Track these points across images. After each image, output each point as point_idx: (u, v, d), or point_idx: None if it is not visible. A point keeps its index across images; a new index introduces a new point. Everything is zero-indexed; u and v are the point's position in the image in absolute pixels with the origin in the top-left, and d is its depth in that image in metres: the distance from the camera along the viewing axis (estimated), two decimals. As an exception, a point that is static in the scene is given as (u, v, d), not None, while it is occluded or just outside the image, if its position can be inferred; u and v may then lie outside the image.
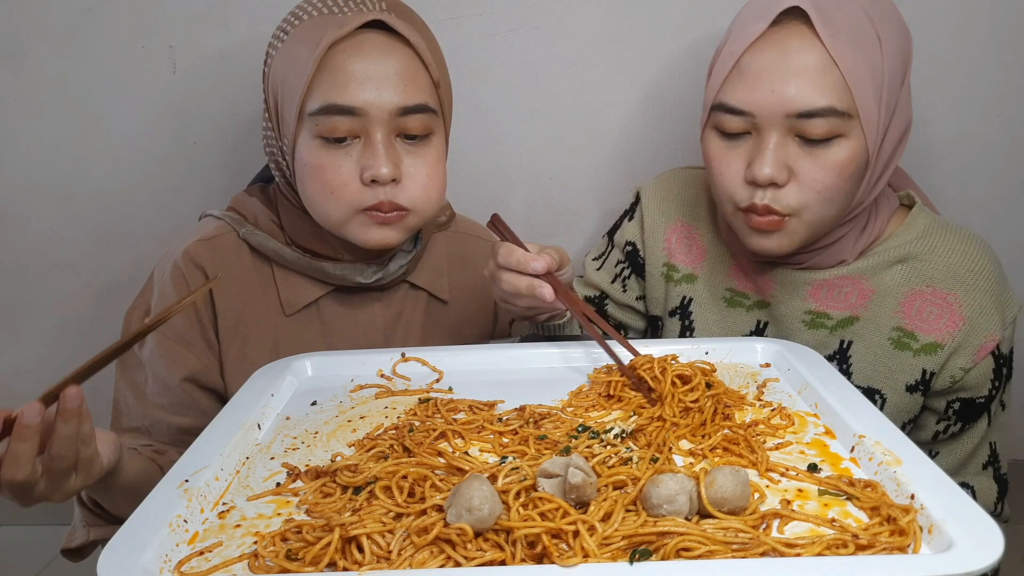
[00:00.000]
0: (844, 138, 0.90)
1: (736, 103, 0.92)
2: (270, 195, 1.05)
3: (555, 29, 1.34)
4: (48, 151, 1.41)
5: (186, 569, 0.58)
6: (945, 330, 0.97)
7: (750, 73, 0.91)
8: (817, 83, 0.88)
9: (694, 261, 1.11)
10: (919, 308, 0.98)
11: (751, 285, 1.07)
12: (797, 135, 0.91)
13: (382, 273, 1.02)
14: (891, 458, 0.66)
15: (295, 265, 1.00)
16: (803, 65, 0.88)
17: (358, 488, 0.65)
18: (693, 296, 1.11)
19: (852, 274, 1.00)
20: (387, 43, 0.92)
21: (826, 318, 1.02)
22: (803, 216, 0.93)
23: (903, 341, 0.98)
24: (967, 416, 1.00)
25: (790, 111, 0.89)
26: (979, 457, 1.02)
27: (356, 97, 0.90)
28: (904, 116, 0.97)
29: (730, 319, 1.08)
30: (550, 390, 0.86)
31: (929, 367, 0.98)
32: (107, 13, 1.34)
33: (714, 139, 0.96)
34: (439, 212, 1.11)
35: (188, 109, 1.38)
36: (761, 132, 0.92)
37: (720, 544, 0.56)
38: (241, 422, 0.77)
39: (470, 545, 0.57)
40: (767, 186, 0.92)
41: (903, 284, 0.99)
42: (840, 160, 0.90)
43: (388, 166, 0.91)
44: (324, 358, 0.94)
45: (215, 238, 1.00)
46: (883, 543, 0.57)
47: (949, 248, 0.99)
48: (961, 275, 0.97)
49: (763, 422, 0.77)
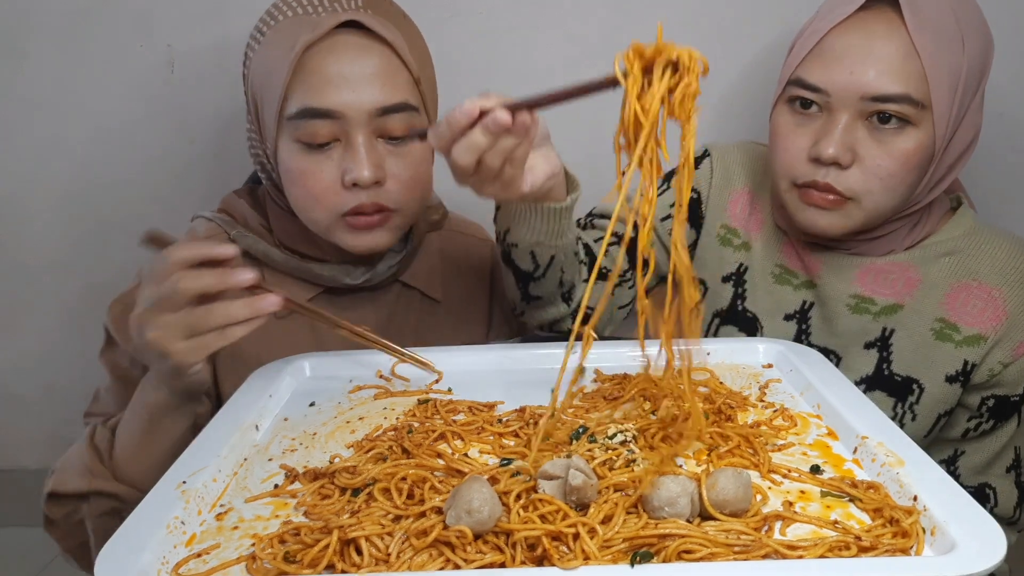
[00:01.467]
0: (914, 128, 0.91)
1: (813, 80, 0.93)
2: (259, 197, 1.05)
3: (555, 29, 1.34)
4: (47, 150, 1.41)
5: (184, 571, 0.57)
6: (988, 323, 0.97)
7: (832, 53, 0.93)
8: (897, 70, 0.90)
9: (752, 230, 1.10)
10: (963, 301, 0.99)
11: (800, 265, 1.07)
12: (867, 119, 0.92)
13: (371, 274, 1.01)
14: (894, 459, 0.66)
15: (284, 267, 1.00)
16: (885, 51, 0.90)
17: (357, 490, 0.65)
18: (749, 265, 1.10)
19: (900, 261, 1.01)
20: (363, 43, 0.90)
21: (871, 303, 1.01)
22: (863, 202, 0.94)
23: (945, 332, 0.99)
24: (999, 414, 1.00)
25: (865, 94, 0.90)
26: (1004, 459, 1.02)
27: (333, 100, 0.88)
28: (974, 123, 0.97)
29: (777, 295, 1.08)
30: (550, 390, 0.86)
31: (971, 358, 0.98)
32: (106, 13, 1.33)
33: (785, 113, 0.98)
34: (430, 211, 1.11)
35: (186, 108, 1.38)
36: (833, 112, 0.93)
37: (722, 546, 0.56)
38: (239, 423, 0.77)
39: (470, 547, 0.56)
40: (830, 165, 0.93)
41: (950, 276, 1.00)
42: (907, 149, 0.91)
43: (369, 169, 0.89)
44: (322, 359, 0.94)
45: (207, 239, 1.00)
46: (886, 545, 0.56)
47: (996, 246, 1.00)
48: (1007, 272, 0.98)
49: (765, 423, 0.77)
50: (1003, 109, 1.35)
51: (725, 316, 1.10)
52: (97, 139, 1.40)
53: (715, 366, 0.91)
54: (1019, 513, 1.03)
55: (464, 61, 1.30)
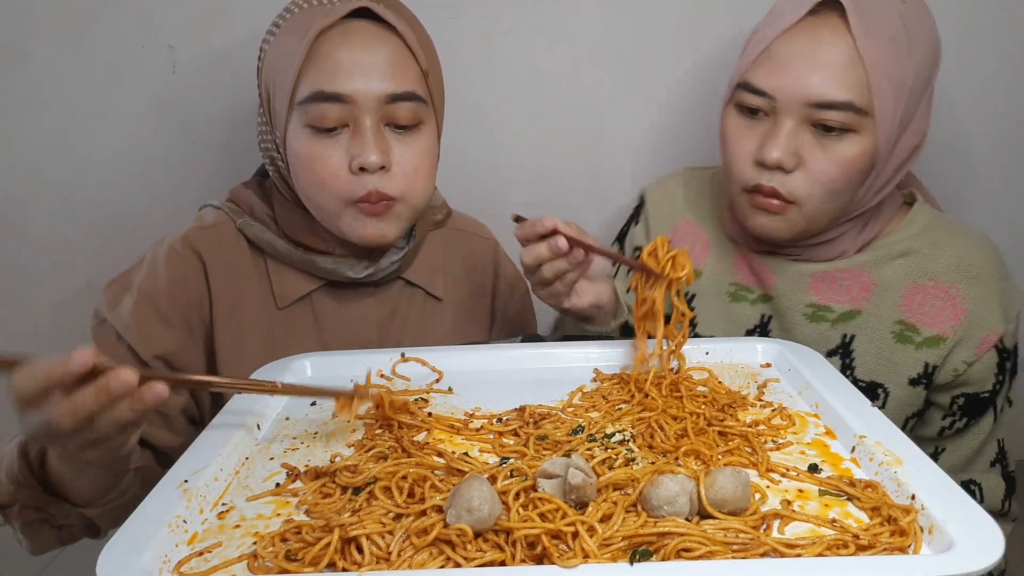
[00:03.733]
0: (856, 134, 0.92)
1: (760, 84, 0.94)
2: (266, 188, 1.06)
3: (555, 29, 1.34)
4: (48, 151, 1.41)
5: (185, 569, 0.58)
6: (947, 323, 0.97)
7: (779, 58, 0.94)
8: (841, 77, 0.90)
9: (699, 257, 1.12)
10: (921, 301, 0.98)
11: (754, 279, 1.07)
12: (812, 125, 0.93)
13: (373, 268, 1.02)
14: (892, 458, 0.66)
15: (287, 258, 1.01)
16: (830, 58, 0.91)
17: (358, 488, 0.65)
18: (697, 292, 1.11)
19: (853, 267, 1.01)
20: (375, 31, 0.93)
21: (828, 311, 1.02)
22: (804, 207, 0.95)
23: (905, 335, 0.99)
24: (972, 411, 1.00)
25: (810, 100, 0.91)
26: (986, 454, 1.02)
27: (344, 84, 0.90)
28: (920, 127, 0.98)
29: (734, 313, 1.08)
30: (550, 390, 0.86)
31: (932, 360, 0.98)
32: (107, 13, 1.33)
33: (733, 116, 0.99)
34: (434, 210, 1.11)
35: (188, 109, 1.38)
36: (778, 116, 0.94)
37: (720, 544, 0.56)
38: (240, 422, 0.77)
39: (470, 546, 0.57)
40: (774, 169, 0.94)
41: (905, 277, 1.00)
42: (849, 156, 0.92)
43: (376, 153, 0.91)
44: (323, 358, 0.94)
45: (214, 227, 1.01)
46: (884, 543, 0.57)
47: (951, 243, 0.99)
48: (963, 269, 0.98)
49: (764, 422, 0.77)
50: (1003, 110, 1.35)
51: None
52: (98, 140, 1.40)
53: (714, 366, 0.92)
54: (1008, 505, 1.03)
55: (464, 61, 1.30)
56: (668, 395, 0.82)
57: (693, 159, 1.36)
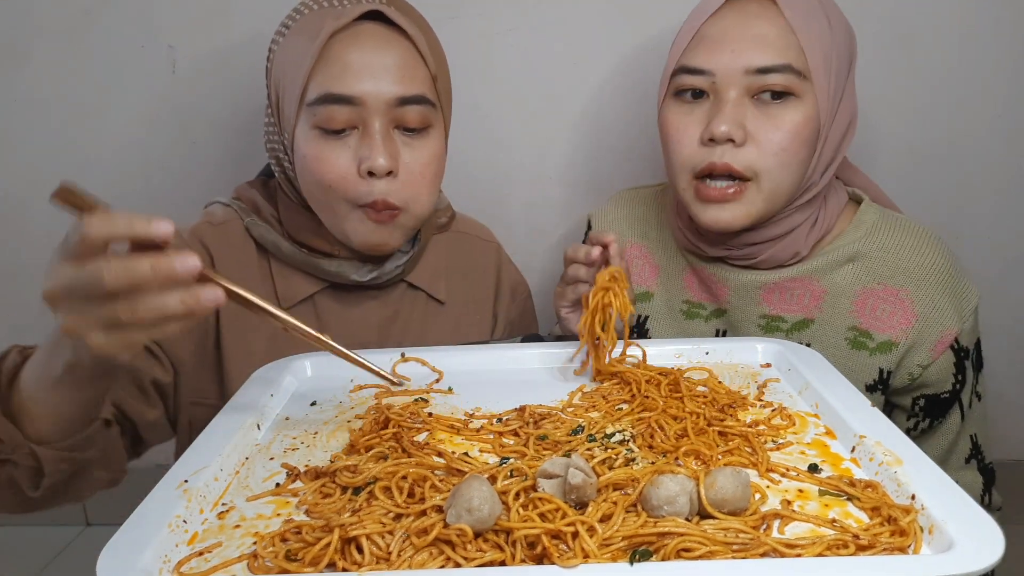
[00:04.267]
0: (798, 99, 0.93)
1: (697, 64, 0.95)
2: (270, 189, 1.06)
3: (555, 29, 1.34)
4: (48, 151, 1.41)
5: (185, 569, 0.58)
6: (899, 327, 0.97)
7: (712, 37, 0.95)
8: (775, 45, 0.92)
9: (648, 279, 1.12)
10: (872, 306, 0.98)
11: (707, 295, 1.07)
12: (754, 96, 0.94)
13: (377, 272, 1.02)
14: (892, 458, 0.66)
15: (291, 260, 1.01)
16: (762, 30, 0.93)
17: (358, 488, 0.65)
18: (649, 313, 1.11)
19: (802, 275, 1.01)
20: (385, 34, 0.93)
21: (781, 321, 1.02)
22: (761, 183, 0.94)
23: (859, 340, 0.99)
24: (934, 412, 1.00)
25: (749, 67, 0.92)
26: (959, 452, 1.02)
27: (354, 87, 0.90)
28: (850, 107, 0.99)
29: (689, 331, 1.09)
30: (550, 390, 0.86)
31: (885, 366, 0.98)
32: (107, 13, 1.34)
33: (672, 107, 0.99)
34: (438, 213, 1.11)
35: (188, 109, 1.38)
36: (719, 93, 0.94)
37: (720, 544, 0.56)
38: (240, 422, 0.77)
39: (470, 546, 0.57)
40: (725, 143, 0.93)
41: (855, 283, 0.99)
42: (795, 121, 0.93)
43: (385, 157, 0.91)
44: (324, 358, 0.94)
45: (224, 224, 1.01)
46: (884, 543, 0.57)
47: (898, 244, 0.99)
48: (911, 271, 0.98)
49: (764, 422, 0.77)
50: (1001, 111, 1.35)
51: None
52: (98, 140, 1.40)
53: (713, 366, 0.92)
54: (988, 498, 1.02)
55: (464, 61, 1.30)
56: (668, 395, 0.82)
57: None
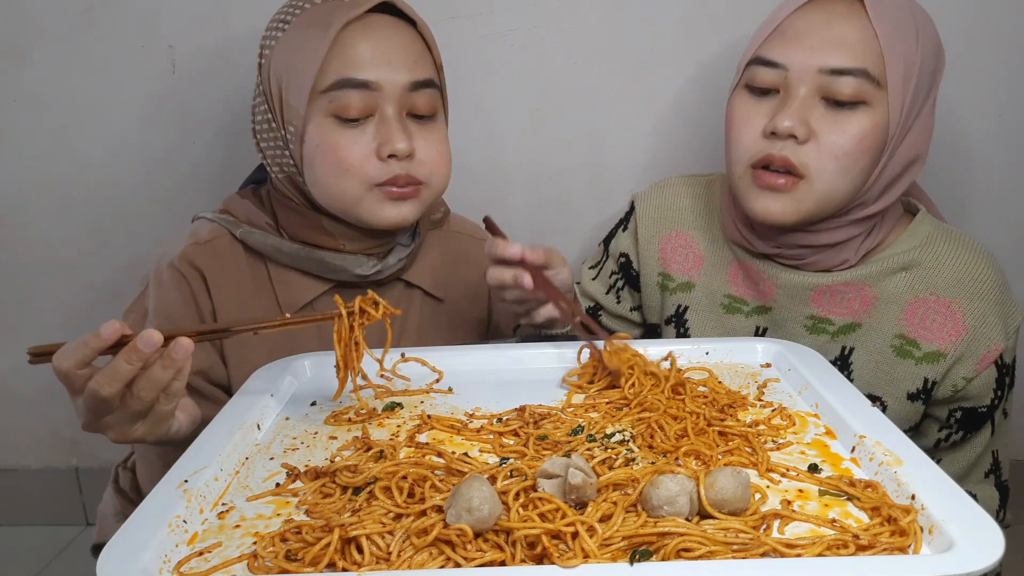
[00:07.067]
0: (868, 107, 0.91)
1: (773, 56, 0.94)
2: (262, 196, 1.05)
3: (555, 29, 1.34)
4: (48, 151, 1.41)
5: (185, 569, 0.58)
6: (948, 339, 0.96)
7: (792, 31, 0.94)
8: (855, 48, 0.91)
9: (691, 269, 1.11)
10: (922, 316, 0.98)
11: (751, 291, 1.06)
12: (824, 97, 0.92)
13: (380, 266, 1.02)
14: (892, 458, 0.66)
15: (294, 260, 1.00)
16: (845, 31, 0.91)
17: (358, 488, 0.65)
18: (689, 304, 1.10)
19: (855, 280, 1.00)
20: (395, 23, 0.97)
21: (828, 324, 1.01)
22: (815, 183, 0.93)
23: (905, 349, 0.98)
24: (969, 425, 1.00)
25: (823, 67, 0.91)
26: (982, 466, 1.02)
27: (370, 72, 0.93)
28: (927, 126, 0.97)
29: (728, 325, 1.08)
30: (550, 390, 0.86)
31: (931, 376, 0.97)
32: (107, 13, 1.33)
33: (742, 97, 0.98)
34: (433, 209, 1.12)
35: (187, 109, 1.38)
36: (790, 89, 0.93)
37: (720, 544, 0.56)
38: (240, 422, 0.77)
39: (470, 546, 0.57)
40: (786, 139, 0.93)
41: (907, 292, 0.99)
42: (861, 128, 0.91)
43: (405, 140, 0.94)
44: (324, 358, 0.94)
45: (211, 241, 1.00)
46: (884, 543, 0.57)
47: (953, 256, 0.98)
48: (965, 284, 0.97)
49: (764, 422, 0.77)
50: (1001, 111, 1.35)
51: None
52: (98, 140, 1.40)
53: (713, 366, 0.92)
54: (1003, 514, 1.03)
55: (464, 61, 1.30)
56: (669, 396, 0.82)
57: (693, 159, 1.36)
